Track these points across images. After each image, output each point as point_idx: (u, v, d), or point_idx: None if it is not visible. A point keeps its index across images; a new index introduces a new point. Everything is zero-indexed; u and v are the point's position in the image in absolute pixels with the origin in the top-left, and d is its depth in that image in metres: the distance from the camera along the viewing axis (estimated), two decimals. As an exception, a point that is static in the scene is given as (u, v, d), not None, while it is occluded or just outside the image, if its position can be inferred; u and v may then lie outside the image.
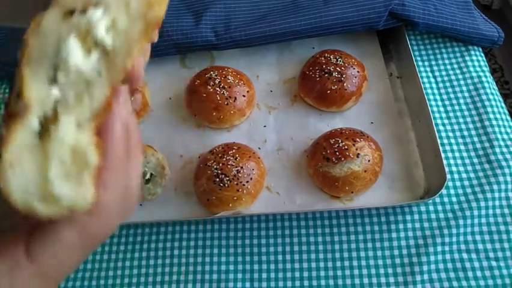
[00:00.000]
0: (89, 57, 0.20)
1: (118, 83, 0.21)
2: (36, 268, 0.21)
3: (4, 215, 0.24)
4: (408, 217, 0.55)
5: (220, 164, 0.55)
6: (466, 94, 0.64)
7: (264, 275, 0.53)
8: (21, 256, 0.22)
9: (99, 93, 0.20)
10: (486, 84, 0.64)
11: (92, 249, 0.24)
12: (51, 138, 0.19)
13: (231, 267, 0.54)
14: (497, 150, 0.58)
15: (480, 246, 0.52)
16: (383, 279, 0.51)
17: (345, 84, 0.61)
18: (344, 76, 0.62)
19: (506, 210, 0.54)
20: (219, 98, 0.61)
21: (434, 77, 0.67)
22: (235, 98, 0.62)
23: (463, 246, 0.52)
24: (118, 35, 0.20)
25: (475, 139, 0.60)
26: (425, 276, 0.51)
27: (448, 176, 0.55)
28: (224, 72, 0.64)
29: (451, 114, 0.63)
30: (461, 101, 0.64)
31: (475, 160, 0.58)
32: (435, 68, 0.67)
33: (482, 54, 0.69)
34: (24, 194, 0.19)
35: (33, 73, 0.20)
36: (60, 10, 0.20)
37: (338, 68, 0.62)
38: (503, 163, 0.57)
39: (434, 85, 0.66)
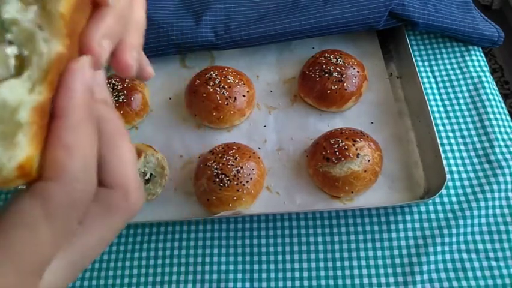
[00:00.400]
0: (27, 11, 0.19)
1: (68, 41, 0.20)
2: (7, 255, 0.19)
3: None
4: (408, 217, 0.55)
5: (220, 164, 0.55)
6: (466, 94, 0.64)
7: (264, 275, 0.53)
8: None
9: (45, 48, 0.19)
10: (486, 84, 0.64)
11: (63, 225, 0.20)
12: None
13: (231, 267, 0.54)
14: (497, 150, 0.58)
15: (480, 246, 0.52)
16: (383, 279, 0.51)
17: (345, 84, 0.61)
18: (344, 76, 0.62)
19: (506, 210, 0.54)
20: (219, 98, 0.61)
21: (434, 77, 0.67)
22: (235, 98, 0.62)
23: (462, 246, 0.52)
24: None
25: (475, 139, 0.60)
26: (425, 276, 0.51)
27: (448, 176, 0.55)
28: (224, 72, 0.64)
29: (451, 114, 0.63)
30: (461, 101, 0.64)
31: (475, 160, 0.58)
32: (435, 68, 0.67)
33: (482, 54, 0.69)
34: None
35: None
36: None
37: (338, 68, 0.62)
38: (503, 163, 0.57)
39: (434, 85, 0.66)
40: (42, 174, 0.20)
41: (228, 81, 0.62)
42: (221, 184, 0.54)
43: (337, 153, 0.55)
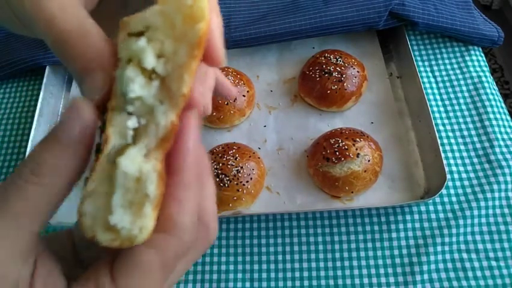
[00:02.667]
0: (150, 85, 0.20)
1: (181, 109, 0.21)
2: None
3: (90, 244, 0.23)
4: (408, 217, 0.55)
5: (220, 164, 0.55)
6: (466, 94, 0.64)
7: (264, 275, 0.53)
8: (106, 280, 0.21)
9: (163, 121, 0.20)
10: (486, 84, 0.64)
11: (174, 272, 0.23)
12: (116, 168, 0.20)
13: (231, 267, 0.54)
14: (497, 150, 0.58)
15: (480, 246, 0.52)
16: (383, 279, 0.51)
17: (345, 84, 0.61)
18: (344, 76, 0.62)
19: (506, 210, 0.54)
20: (219, 98, 0.61)
21: (434, 76, 0.67)
22: (235, 98, 0.62)
23: (463, 246, 0.52)
24: (168, 61, 0.20)
25: (475, 139, 0.60)
26: (425, 276, 0.51)
27: (448, 176, 0.55)
28: (224, 72, 0.64)
29: (451, 114, 0.63)
30: (461, 101, 0.64)
31: (475, 160, 0.58)
32: (435, 68, 0.67)
33: (482, 54, 0.69)
34: (92, 223, 0.20)
35: (115, 106, 0.21)
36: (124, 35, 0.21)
37: (338, 68, 0.62)
38: (503, 163, 0.57)
39: (434, 85, 0.66)
40: (160, 228, 0.21)
41: (228, 81, 0.62)
42: (221, 184, 0.54)
43: (337, 153, 0.55)
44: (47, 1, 0.21)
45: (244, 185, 0.55)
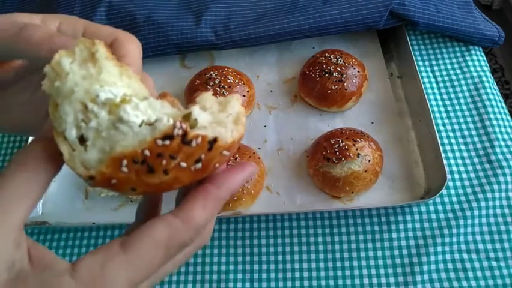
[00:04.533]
0: (132, 101, 0.23)
1: None
2: (127, 257, 0.23)
3: None
4: (408, 217, 0.55)
5: (220, 164, 0.55)
6: (467, 94, 0.64)
7: (264, 275, 0.53)
8: (115, 247, 0.23)
9: (156, 102, 0.24)
10: (486, 84, 0.64)
11: (173, 259, 0.25)
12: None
13: (231, 267, 0.54)
14: (498, 150, 0.58)
15: (480, 246, 0.52)
16: (383, 280, 0.51)
17: (345, 84, 0.61)
18: (344, 76, 0.61)
19: (506, 210, 0.54)
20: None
21: (435, 76, 0.67)
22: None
23: (463, 246, 0.52)
24: (115, 80, 0.24)
25: (476, 139, 0.60)
26: (426, 277, 0.51)
27: (448, 176, 0.55)
28: (224, 72, 0.64)
29: (452, 114, 0.63)
30: (462, 100, 0.64)
31: (476, 160, 0.58)
32: (435, 67, 0.67)
33: (483, 54, 0.69)
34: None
35: None
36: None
37: (338, 68, 0.62)
38: (504, 163, 0.57)
39: (434, 85, 0.66)
40: (179, 214, 0.24)
41: (228, 81, 0.62)
42: (221, 184, 0.54)
43: (337, 153, 0.55)
44: None
45: (244, 185, 0.55)
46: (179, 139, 0.22)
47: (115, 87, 0.23)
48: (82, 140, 0.23)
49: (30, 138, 0.63)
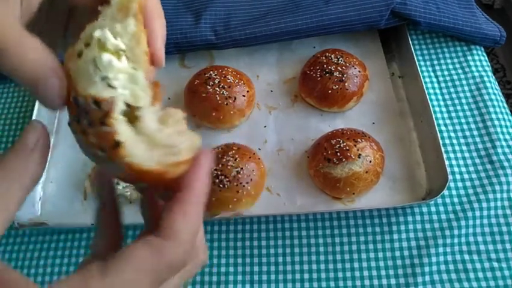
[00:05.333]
0: (121, 60, 0.24)
1: (149, 70, 0.26)
2: (108, 283, 0.21)
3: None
4: (410, 218, 0.54)
5: (220, 165, 0.55)
6: (468, 94, 0.64)
7: (265, 277, 0.52)
8: (94, 271, 0.21)
9: (142, 79, 0.25)
10: (488, 84, 0.64)
11: (162, 279, 0.23)
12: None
13: (231, 269, 0.53)
14: (499, 150, 0.58)
15: (482, 247, 0.52)
16: (384, 281, 0.51)
17: (346, 84, 0.61)
18: (345, 76, 0.61)
19: (508, 211, 0.54)
20: (218, 98, 0.61)
21: (436, 76, 0.66)
22: (235, 98, 0.61)
23: (464, 247, 0.52)
24: (124, 34, 0.24)
25: (477, 139, 0.60)
26: (427, 278, 0.50)
27: (450, 177, 0.55)
28: (224, 72, 0.63)
29: (453, 114, 0.62)
30: (463, 100, 0.63)
31: (477, 160, 0.58)
32: (437, 67, 0.67)
33: (484, 54, 0.68)
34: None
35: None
36: (81, 41, 0.24)
37: (339, 68, 0.61)
38: (505, 163, 0.57)
39: (436, 85, 0.65)
40: (160, 233, 0.23)
41: (228, 81, 0.62)
42: (221, 185, 0.54)
43: (338, 153, 0.54)
44: None
45: (244, 186, 0.54)
46: (100, 114, 0.22)
47: (118, 39, 0.24)
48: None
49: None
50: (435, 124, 0.56)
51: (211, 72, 0.63)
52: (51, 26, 0.26)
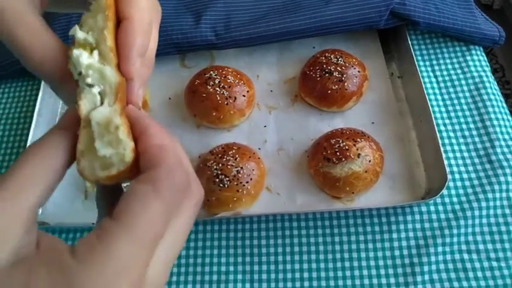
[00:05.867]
0: (92, 56, 0.26)
1: (117, 62, 0.26)
2: (122, 224, 0.21)
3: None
4: (409, 217, 0.55)
5: (220, 165, 0.55)
6: (467, 94, 0.64)
7: (264, 276, 0.53)
8: (108, 222, 0.21)
9: (112, 78, 0.26)
10: (487, 84, 0.64)
11: (170, 203, 0.23)
12: (91, 123, 0.25)
13: (231, 268, 0.54)
14: (498, 150, 0.58)
15: (481, 246, 0.52)
16: (383, 280, 0.51)
17: (345, 84, 0.61)
18: (344, 76, 0.61)
19: (507, 210, 0.54)
20: (218, 98, 0.61)
21: (435, 76, 0.66)
22: (235, 98, 0.61)
23: (464, 247, 0.52)
24: (95, 29, 0.26)
25: (476, 139, 0.60)
26: (426, 277, 0.50)
27: (449, 176, 0.55)
28: (224, 72, 0.63)
29: (452, 114, 0.62)
30: (462, 100, 0.64)
31: (476, 160, 0.58)
32: (436, 67, 0.67)
33: (484, 54, 0.68)
34: (90, 171, 0.24)
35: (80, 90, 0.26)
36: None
37: (338, 68, 0.62)
38: (504, 163, 0.57)
39: (435, 85, 0.66)
40: (144, 170, 0.23)
41: (228, 81, 0.62)
42: (221, 185, 0.54)
43: (338, 153, 0.54)
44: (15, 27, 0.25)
45: (244, 185, 0.55)
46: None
47: (89, 33, 0.26)
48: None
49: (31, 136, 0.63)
50: (435, 124, 0.56)
51: (212, 72, 0.63)
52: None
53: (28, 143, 0.62)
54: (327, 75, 0.62)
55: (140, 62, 0.27)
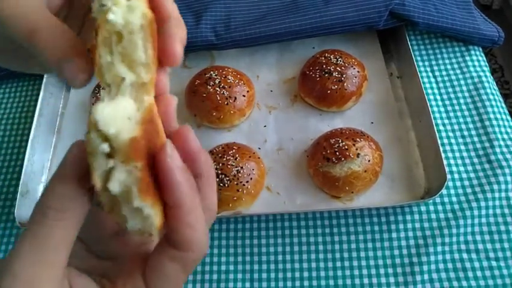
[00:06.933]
0: None
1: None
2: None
3: (100, 240, 0.28)
4: (408, 217, 0.55)
5: (220, 164, 0.55)
6: (466, 94, 0.64)
7: (264, 275, 0.53)
8: (140, 283, 0.25)
9: (145, 76, 0.25)
10: (486, 84, 0.64)
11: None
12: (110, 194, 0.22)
13: (231, 267, 0.54)
14: (497, 150, 0.58)
15: (480, 246, 0.52)
16: (383, 279, 0.51)
17: (345, 84, 0.61)
18: (344, 76, 0.62)
19: (506, 210, 0.54)
20: (219, 98, 0.61)
21: (435, 76, 0.67)
22: (235, 98, 0.62)
23: (463, 246, 0.52)
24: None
25: (475, 139, 0.60)
26: (425, 276, 0.51)
27: (448, 176, 0.55)
28: (224, 72, 0.64)
29: (451, 114, 0.63)
30: (462, 100, 0.64)
31: (475, 160, 0.58)
32: (435, 67, 0.67)
33: (483, 54, 0.69)
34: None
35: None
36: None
37: (338, 68, 0.62)
38: (504, 163, 0.57)
39: (434, 85, 0.66)
40: (179, 247, 0.24)
41: (228, 81, 0.62)
42: (221, 184, 0.54)
43: (337, 153, 0.55)
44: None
45: (244, 185, 0.55)
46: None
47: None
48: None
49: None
50: (434, 124, 0.56)
51: (212, 72, 0.63)
52: (69, 23, 0.27)
53: (29, 143, 0.62)
54: (326, 75, 0.62)
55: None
